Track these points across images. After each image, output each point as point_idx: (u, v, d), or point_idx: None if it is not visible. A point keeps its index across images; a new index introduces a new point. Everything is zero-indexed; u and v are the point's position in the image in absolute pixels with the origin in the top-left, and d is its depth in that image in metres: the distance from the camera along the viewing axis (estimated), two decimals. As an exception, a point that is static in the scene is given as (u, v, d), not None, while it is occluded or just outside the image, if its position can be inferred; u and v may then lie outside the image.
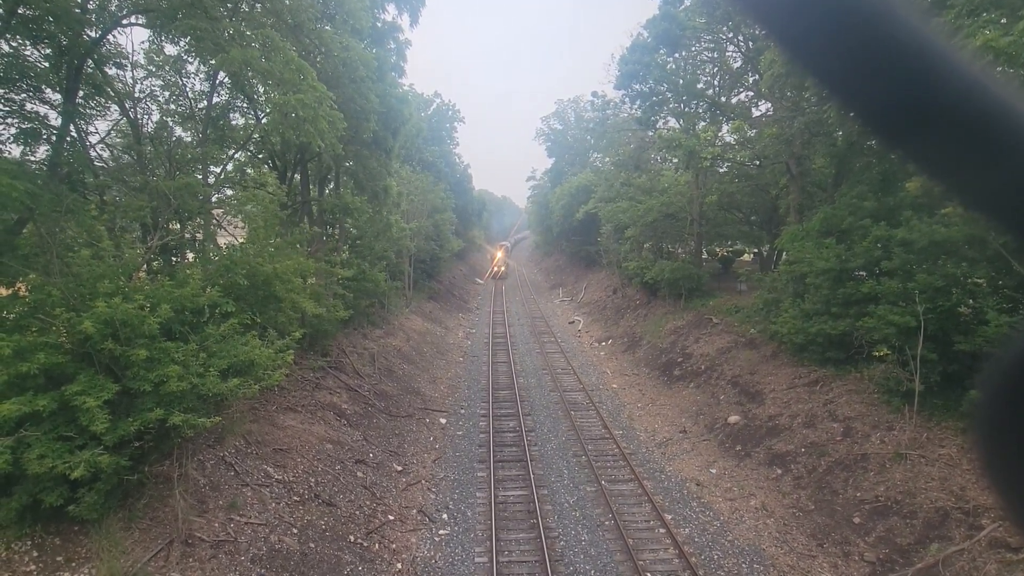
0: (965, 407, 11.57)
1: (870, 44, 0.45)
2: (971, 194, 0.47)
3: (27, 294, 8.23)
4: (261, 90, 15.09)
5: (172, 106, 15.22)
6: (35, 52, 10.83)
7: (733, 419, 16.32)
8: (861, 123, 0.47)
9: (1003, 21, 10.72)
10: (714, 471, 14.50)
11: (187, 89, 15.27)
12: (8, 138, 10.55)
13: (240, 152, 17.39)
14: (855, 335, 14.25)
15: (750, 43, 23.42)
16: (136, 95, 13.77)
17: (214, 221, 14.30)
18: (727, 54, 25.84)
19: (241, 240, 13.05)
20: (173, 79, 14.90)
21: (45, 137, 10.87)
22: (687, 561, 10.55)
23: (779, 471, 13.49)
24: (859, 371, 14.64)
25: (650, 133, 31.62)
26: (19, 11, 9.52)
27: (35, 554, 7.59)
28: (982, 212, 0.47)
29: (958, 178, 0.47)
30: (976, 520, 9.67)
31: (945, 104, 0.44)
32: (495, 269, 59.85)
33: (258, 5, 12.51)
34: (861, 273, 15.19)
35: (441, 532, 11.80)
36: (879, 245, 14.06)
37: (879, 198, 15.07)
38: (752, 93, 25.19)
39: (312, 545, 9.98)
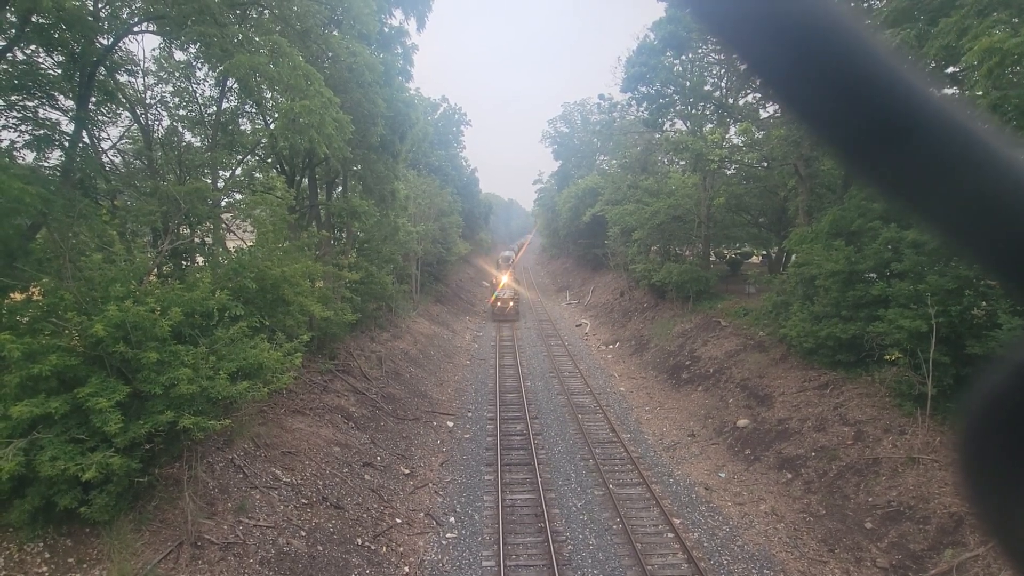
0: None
1: (835, 71, 0.45)
2: (938, 222, 0.47)
3: (40, 298, 8.34)
4: (269, 95, 15.23)
5: (182, 112, 15.42)
6: (48, 59, 11.00)
7: (742, 422, 16.19)
8: (829, 147, 0.47)
9: (1014, 20, 10.60)
10: (723, 475, 14.38)
11: (197, 95, 15.48)
12: (22, 144, 10.72)
13: (249, 157, 17.55)
14: (866, 338, 14.10)
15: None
16: (147, 101, 13.96)
17: (223, 225, 14.43)
18: (734, 56, 25.70)
19: (250, 244, 13.14)
20: (183, 85, 15.09)
21: (58, 143, 11.03)
22: (696, 566, 10.46)
23: (789, 475, 13.35)
24: (870, 374, 14.47)
25: (657, 135, 31.57)
26: (32, 19, 9.67)
27: (47, 555, 7.66)
28: (949, 237, 0.47)
29: (924, 205, 0.47)
30: (991, 526, 9.52)
31: (911, 132, 0.44)
32: (498, 304, 37.23)
33: (266, 11, 12.62)
34: (871, 275, 15.04)
35: (448, 535, 11.78)
36: (889, 247, 13.92)
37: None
38: (760, 95, 25.06)
39: (320, 548, 10.00)
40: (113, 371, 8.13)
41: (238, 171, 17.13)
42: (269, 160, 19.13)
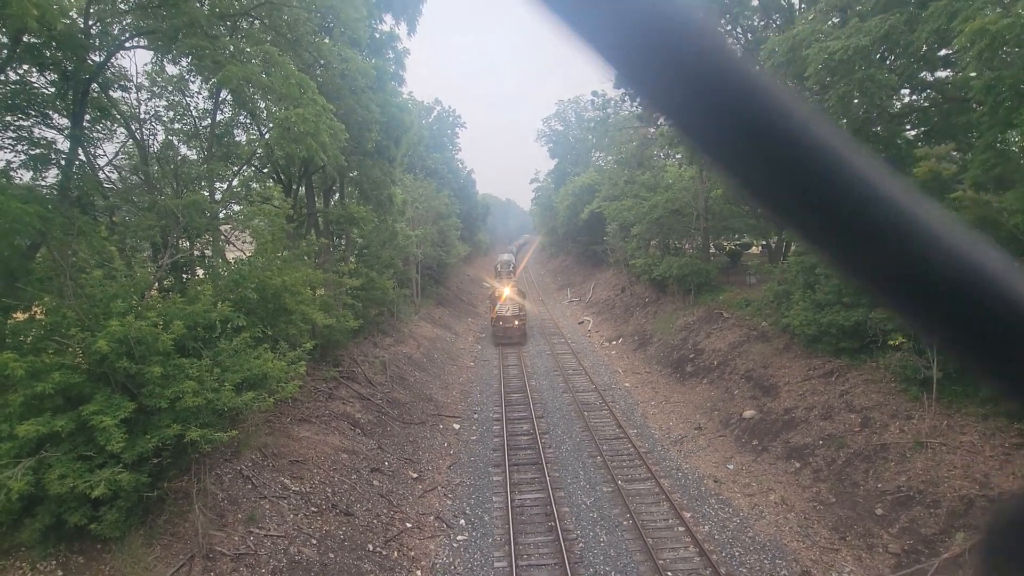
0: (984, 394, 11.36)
1: (739, 117, 0.45)
2: (841, 262, 0.48)
3: (43, 317, 8.36)
4: (263, 105, 15.24)
5: (177, 125, 15.42)
6: (41, 78, 11.01)
7: (748, 413, 16.18)
8: (744, 191, 0.48)
9: (1005, 1, 10.59)
10: (731, 467, 14.37)
11: (191, 108, 15.48)
12: (18, 164, 10.72)
13: (245, 167, 17.55)
14: (869, 324, 14.08)
15: (748, 35, 23.32)
16: (141, 116, 13.96)
17: (222, 237, 14.43)
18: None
19: (249, 254, 13.16)
20: (176, 99, 15.10)
21: (54, 162, 11.02)
22: (708, 559, 10.46)
23: (797, 464, 13.34)
24: (875, 360, 14.46)
25: (652, 130, 31.55)
26: (24, 39, 9.68)
27: (60, 574, 7.67)
28: (854, 278, 0.48)
29: (830, 250, 0.47)
30: (1002, 507, 9.51)
31: (818, 185, 0.45)
32: (500, 322, 29.82)
33: (256, 22, 12.63)
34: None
35: (459, 538, 11.79)
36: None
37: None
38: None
39: (331, 555, 10.01)
40: (118, 387, 8.14)
41: (235, 182, 17.12)
42: (265, 170, 19.17)
